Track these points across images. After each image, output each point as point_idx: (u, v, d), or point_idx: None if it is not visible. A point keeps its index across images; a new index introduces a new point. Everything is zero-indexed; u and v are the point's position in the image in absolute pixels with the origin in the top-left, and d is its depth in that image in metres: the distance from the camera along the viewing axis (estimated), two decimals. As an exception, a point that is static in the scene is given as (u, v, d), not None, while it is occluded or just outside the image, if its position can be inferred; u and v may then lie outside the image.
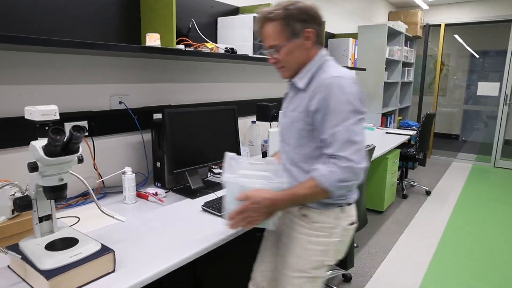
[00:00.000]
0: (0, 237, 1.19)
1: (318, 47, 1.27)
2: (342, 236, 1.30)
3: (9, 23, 1.43)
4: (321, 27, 1.26)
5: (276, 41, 1.22)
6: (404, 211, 3.89)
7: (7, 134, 1.49)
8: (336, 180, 1.12)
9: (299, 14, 1.19)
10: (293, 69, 1.27)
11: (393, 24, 4.90)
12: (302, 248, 1.29)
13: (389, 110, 5.05)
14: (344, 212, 1.29)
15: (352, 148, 1.12)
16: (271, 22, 1.22)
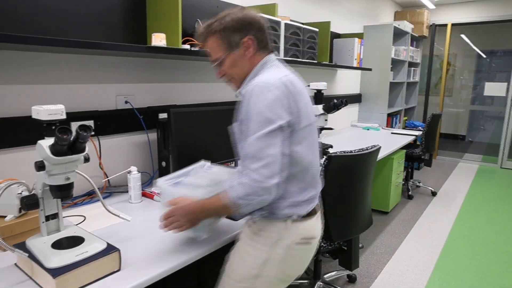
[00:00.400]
0: (8, 235, 1.20)
1: (262, 53, 1.21)
2: (288, 252, 1.17)
3: (15, 24, 1.45)
4: (263, 31, 1.20)
5: (218, 55, 1.21)
6: (409, 212, 3.87)
7: (15, 133, 1.50)
8: (242, 194, 1.04)
9: (235, 25, 1.16)
10: (240, 80, 1.23)
11: (399, 24, 4.87)
12: (239, 258, 1.22)
13: (395, 110, 5.03)
14: (289, 229, 1.17)
15: (257, 164, 1.03)
16: (211, 36, 1.20)
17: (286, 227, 1.17)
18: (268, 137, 1.04)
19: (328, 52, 3.27)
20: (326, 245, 1.92)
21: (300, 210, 1.18)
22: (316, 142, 1.24)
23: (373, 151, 1.89)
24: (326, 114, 2.23)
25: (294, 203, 1.17)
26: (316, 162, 1.23)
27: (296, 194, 1.17)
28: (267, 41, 1.22)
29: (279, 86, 1.09)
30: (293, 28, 2.49)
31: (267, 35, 1.22)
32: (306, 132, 1.16)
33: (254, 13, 1.20)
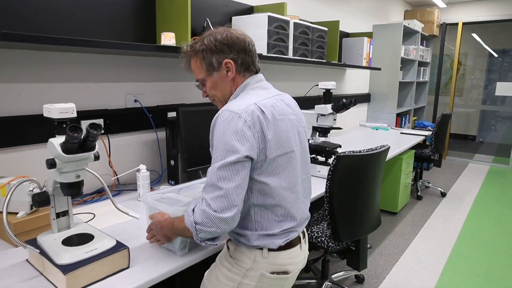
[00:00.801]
0: (19, 232, 1.22)
1: (245, 74, 1.18)
2: (259, 282, 1.13)
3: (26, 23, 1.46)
4: (246, 52, 1.16)
5: (199, 76, 1.20)
6: (418, 212, 3.84)
7: (26, 131, 1.52)
8: (197, 220, 1.01)
9: (216, 46, 1.13)
10: (223, 101, 1.21)
11: (409, 23, 4.83)
12: (215, 276, 1.20)
13: (404, 110, 4.99)
14: (265, 258, 1.12)
15: (214, 193, 1.00)
16: (193, 57, 1.19)
17: (261, 255, 1.13)
18: (227, 168, 1.00)
19: (337, 51, 3.25)
20: (334, 245, 1.91)
21: (274, 242, 1.12)
22: (297, 171, 1.16)
23: (382, 151, 1.88)
24: (334, 114, 2.21)
25: (267, 235, 1.12)
26: (296, 193, 1.16)
27: (269, 226, 1.12)
28: (250, 62, 1.18)
29: (246, 115, 1.03)
30: (302, 27, 2.49)
31: (251, 56, 1.18)
32: (280, 162, 1.09)
33: (238, 33, 1.16)
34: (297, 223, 1.17)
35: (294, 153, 1.14)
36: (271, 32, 2.19)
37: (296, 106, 1.27)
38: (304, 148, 1.25)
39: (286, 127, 1.12)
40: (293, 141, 1.15)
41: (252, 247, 1.13)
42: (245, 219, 1.13)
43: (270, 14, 2.17)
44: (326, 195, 1.78)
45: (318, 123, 2.25)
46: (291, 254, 1.17)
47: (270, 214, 1.12)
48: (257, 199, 1.10)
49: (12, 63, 1.46)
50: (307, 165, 1.27)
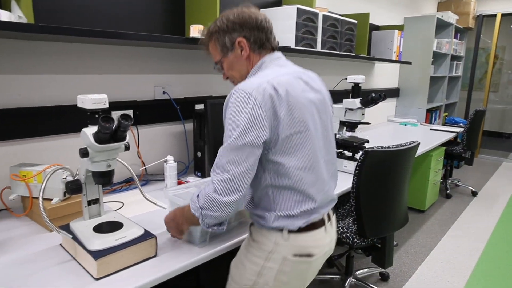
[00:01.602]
0: (53, 217, 1.27)
1: (261, 52, 1.16)
2: (282, 265, 1.11)
3: (59, 16, 1.51)
4: (259, 30, 1.14)
5: (216, 58, 1.20)
6: (447, 211, 3.73)
7: (60, 121, 1.57)
8: (199, 207, 1.02)
9: (227, 26, 1.13)
10: (241, 81, 1.16)
11: (442, 15, 4.65)
12: (239, 261, 1.19)
13: (434, 106, 4.83)
14: (286, 240, 1.10)
15: (221, 176, 0.98)
16: (209, 41, 1.20)
17: (282, 237, 1.10)
18: (236, 151, 0.99)
19: (366, 44, 3.18)
20: (359, 241, 1.88)
21: (294, 223, 1.10)
22: (315, 151, 1.11)
23: (411, 147, 1.83)
24: (363, 108, 2.17)
25: (285, 216, 1.09)
26: (316, 174, 1.12)
27: (287, 207, 1.09)
28: (265, 39, 1.16)
29: (257, 94, 1.01)
30: (331, 19, 2.44)
31: (265, 32, 1.15)
32: (294, 142, 1.05)
33: (250, 11, 1.15)
34: (317, 205, 1.13)
35: (310, 132, 1.09)
36: (299, 24, 2.17)
37: (321, 84, 1.22)
38: (327, 127, 1.20)
39: (301, 105, 1.07)
40: (309, 119, 1.09)
41: (272, 229, 1.11)
42: (263, 200, 1.12)
43: (299, 6, 2.15)
44: (353, 190, 1.76)
45: (346, 117, 2.21)
46: (314, 236, 1.14)
47: (287, 195, 1.09)
48: (273, 180, 1.08)
49: (48, 55, 1.51)
50: (330, 144, 1.21)
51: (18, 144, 1.48)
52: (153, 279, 1.02)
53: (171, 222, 1.19)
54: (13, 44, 1.41)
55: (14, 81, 1.44)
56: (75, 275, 1.02)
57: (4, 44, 1.39)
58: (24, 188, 1.34)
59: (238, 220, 1.35)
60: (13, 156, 1.47)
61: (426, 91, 4.51)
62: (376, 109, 4.27)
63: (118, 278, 1.00)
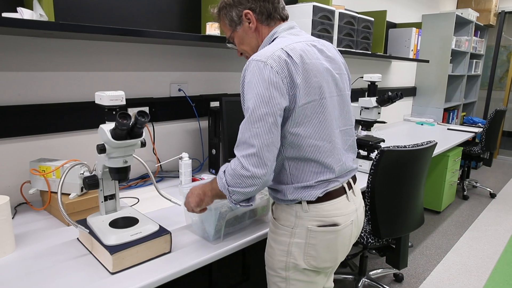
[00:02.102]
0: (70, 212, 1.29)
1: (270, 23, 1.15)
2: (308, 238, 1.10)
3: (77, 14, 1.53)
4: (266, 1, 1.13)
5: (227, 34, 1.21)
6: (464, 213, 3.66)
7: (78, 117, 1.60)
8: (226, 183, 1.01)
9: (232, 1, 1.14)
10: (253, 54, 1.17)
11: (462, 12, 4.55)
12: (268, 245, 1.19)
13: (452, 105, 4.73)
14: (306, 211, 1.09)
15: (246, 151, 0.96)
16: (220, 17, 1.21)
17: (302, 209, 1.09)
18: (259, 124, 0.96)
19: (383, 42, 3.13)
20: (373, 241, 1.86)
21: (311, 193, 1.08)
22: (331, 120, 1.09)
23: (428, 147, 1.80)
24: (379, 107, 2.14)
25: (302, 187, 1.08)
26: (333, 143, 1.10)
27: (304, 178, 1.08)
28: (272, 9, 1.14)
29: (272, 61, 0.99)
30: (347, 17, 2.42)
31: (272, 2, 1.14)
32: (310, 110, 1.03)
33: None
34: (336, 174, 1.11)
35: (326, 100, 1.07)
36: (315, 22, 2.15)
37: (336, 53, 1.20)
38: (344, 96, 1.17)
39: (317, 72, 1.05)
40: (325, 87, 1.07)
41: (290, 202, 1.11)
42: (280, 173, 1.11)
43: (315, 4, 2.13)
44: (368, 190, 1.74)
45: (361, 116, 2.19)
46: (336, 205, 1.12)
47: (304, 166, 1.08)
48: (290, 152, 1.07)
49: (67, 52, 1.54)
50: (347, 115, 1.19)
51: (38, 140, 1.51)
52: (167, 274, 1.03)
53: (194, 196, 1.15)
54: (33, 41, 1.44)
55: (34, 78, 1.47)
56: (91, 268, 1.03)
57: (25, 41, 1.42)
58: (43, 183, 1.37)
59: (252, 218, 1.35)
60: (33, 151, 1.51)
61: (444, 90, 4.43)
62: (392, 108, 4.21)
63: (133, 273, 1.02)
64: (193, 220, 1.27)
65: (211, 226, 1.19)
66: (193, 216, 1.26)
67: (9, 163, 1.45)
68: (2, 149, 1.42)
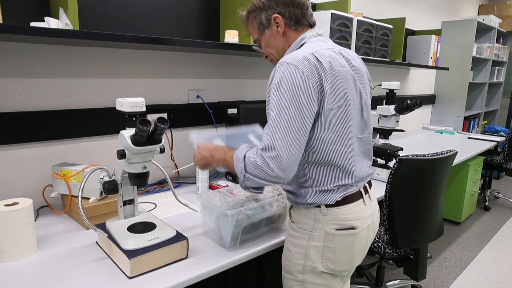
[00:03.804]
0: (90, 216, 1.32)
1: (298, 28, 1.17)
2: (326, 241, 1.11)
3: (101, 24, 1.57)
4: (294, 5, 1.15)
5: (254, 36, 1.23)
6: (485, 224, 3.55)
7: (98, 122, 1.64)
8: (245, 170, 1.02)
9: (262, 3, 1.16)
10: (278, 58, 1.20)
11: (483, 18, 4.47)
12: (286, 249, 1.20)
13: (473, 113, 4.63)
14: (325, 214, 1.11)
15: (271, 152, 0.98)
16: (248, 20, 1.24)
17: (321, 212, 1.11)
18: (285, 125, 0.98)
19: (401, 50, 3.10)
20: (391, 251, 1.83)
21: (330, 197, 1.10)
22: (352, 127, 1.11)
23: (448, 156, 1.76)
24: (397, 115, 2.12)
25: (321, 191, 1.10)
26: (352, 149, 1.12)
27: (324, 182, 1.10)
28: (300, 15, 1.16)
29: (303, 65, 1.00)
30: (365, 25, 2.41)
31: (301, 8, 1.16)
32: (335, 116, 1.06)
33: None
34: (355, 180, 1.13)
35: (349, 107, 1.09)
36: (333, 30, 2.15)
37: (360, 62, 1.22)
38: (365, 105, 1.20)
39: (343, 79, 1.07)
40: (350, 95, 1.09)
41: (309, 206, 1.12)
42: (300, 177, 1.12)
43: (333, 11, 2.13)
44: (385, 199, 1.72)
45: (379, 124, 2.17)
46: (354, 208, 1.13)
47: (325, 170, 1.10)
48: (312, 156, 1.08)
49: (89, 60, 1.58)
50: (367, 124, 1.21)
51: (60, 144, 1.55)
52: (184, 280, 1.03)
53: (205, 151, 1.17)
54: (59, 49, 1.49)
55: (58, 85, 1.51)
56: (109, 272, 1.05)
57: (51, 49, 1.47)
58: (64, 187, 1.40)
59: (268, 225, 1.35)
60: (55, 155, 1.55)
61: (464, 98, 4.34)
62: (411, 116, 4.15)
63: (150, 278, 1.03)
64: (210, 226, 1.28)
65: (228, 233, 1.20)
66: (210, 222, 1.27)
67: (33, 166, 1.49)
68: (26, 153, 1.47)
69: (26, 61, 1.42)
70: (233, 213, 1.18)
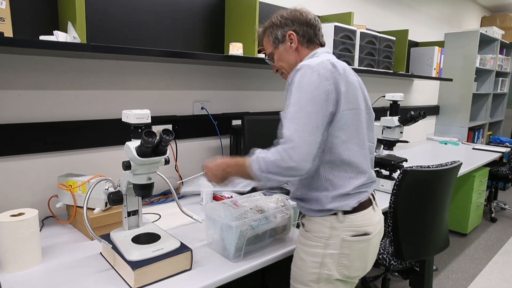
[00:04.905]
0: (94, 226, 1.32)
1: (309, 46, 1.27)
2: (342, 248, 1.15)
3: (109, 37, 1.60)
4: (308, 26, 1.25)
5: (268, 50, 1.33)
6: (492, 236, 3.51)
7: (103, 134, 1.65)
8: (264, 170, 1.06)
9: (279, 21, 1.26)
10: (289, 71, 1.29)
11: (486, 30, 4.49)
12: (299, 258, 1.21)
13: (477, 124, 4.62)
14: (341, 222, 1.15)
15: (289, 144, 1.03)
16: (263, 36, 1.34)
17: (337, 220, 1.15)
18: (304, 120, 1.04)
19: (405, 61, 3.12)
20: (396, 263, 1.81)
21: (348, 203, 1.14)
22: (364, 130, 1.20)
23: (453, 167, 1.76)
24: (401, 126, 2.12)
25: (340, 196, 1.14)
26: (364, 149, 1.20)
27: (340, 184, 1.15)
28: (313, 35, 1.26)
29: (321, 68, 1.10)
30: (368, 37, 2.43)
31: (313, 29, 1.26)
32: (349, 117, 1.13)
33: (302, 10, 1.27)
34: (366, 178, 1.19)
35: (360, 110, 1.18)
36: (337, 42, 2.17)
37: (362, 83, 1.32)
38: (371, 115, 1.29)
39: (354, 86, 1.17)
40: (360, 99, 1.19)
41: (326, 213, 1.15)
42: (314, 180, 1.16)
43: (336, 24, 2.15)
44: (390, 210, 1.71)
45: (383, 135, 2.17)
46: (366, 215, 1.19)
47: (339, 170, 1.15)
48: (327, 155, 1.13)
49: (96, 72, 1.60)
50: (372, 133, 1.30)
51: (66, 155, 1.57)
52: (188, 292, 1.03)
53: (218, 169, 1.19)
54: (66, 62, 1.51)
55: (65, 96, 1.53)
56: (113, 283, 1.05)
57: (57, 62, 1.49)
58: (70, 197, 1.41)
59: (272, 236, 1.34)
60: (61, 166, 1.56)
61: (468, 109, 4.34)
62: (415, 127, 4.15)
63: (154, 289, 1.03)
64: (214, 238, 1.28)
65: (232, 244, 1.20)
66: (214, 234, 1.27)
67: (39, 177, 1.51)
68: (32, 164, 1.48)
69: (35, 73, 1.44)
70: (237, 225, 1.18)
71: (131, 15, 1.64)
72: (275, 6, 2.25)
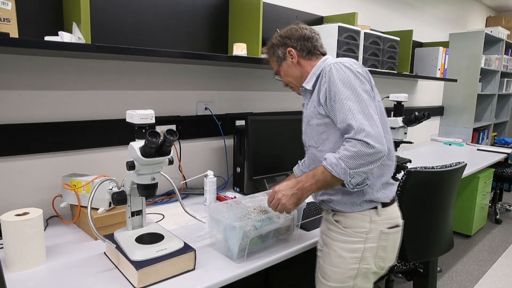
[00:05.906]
0: (98, 226, 1.33)
1: (312, 57, 1.32)
2: (380, 241, 1.22)
3: (117, 38, 1.60)
4: (305, 40, 1.31)
5: (275, 68, 1.40)
6: (496, 237, 3.49)
7: (107, 134, 1.66)
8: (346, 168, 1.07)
9: (278, 41, 1.34)
10: (297, 84, 1.35)
11: (491, 30, 4.46)
12: (337, 256, 1.23)
13: (482, 125, 4.59)
14: (379, 215, 1.22)
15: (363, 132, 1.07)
16: (268, 55, 1.41)
17: (376, 213, 1.22)
18: (366, 106, 1.11)
19: (409, 62, 3.11)
20: (400, 264, 1.81)
21: (387, 195, 1.23)
22: (386, 119, 1.28)
23: (458, 168, 1.75)
24: (405, 127, 2.11)
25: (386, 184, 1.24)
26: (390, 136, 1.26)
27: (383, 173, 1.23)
28: (311, 47, 1.32)
29: (352, 62, 1.19)
30: (373, 37, 2.42)
31: (311, 41, 1.32)
32: (379, 108, 1.22)
33: (298, 26, 1.34)
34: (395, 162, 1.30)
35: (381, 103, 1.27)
36: (341, 42, 2.16)
37: None
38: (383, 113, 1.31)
39: None
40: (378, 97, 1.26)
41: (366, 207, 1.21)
42: None
43: (340, 24, 2.15)
44: (394, 212, 1.70)
45: (387, 136, 2.16)
46: (395, 207, 1.29)
47: None
48: None
49: (101, 72, 1.61)
50: None
51: (70, 155, 1.57)
52: (191, 292, 1.03)
53: (291, 190, 1.15)
54: (71, 62, 1.52)
55: (69, 97, 1.54)
56: (117, 283, 1.05)
57: (62, 62, 1.50)
58: (74, 197, 1.42)
59: (276, 237, 1.34)
60: (65, 166, 1.57)
61: (473, 110, 4.31)
62: (419, 128, 4.13)
63: (158, 289, 1.03)
64: (217, 238, 1.28)
65: (235, 244, 1.20)
66: (218, 234, 1.27)
67: (43, 177, 1.51)
68: (37, 164, 1.49)
69: (40, 74, 1.45)
70: (241, 225, 1.18)
71: (135, 16, 1.65)
72: (279, 7, 2.25)
